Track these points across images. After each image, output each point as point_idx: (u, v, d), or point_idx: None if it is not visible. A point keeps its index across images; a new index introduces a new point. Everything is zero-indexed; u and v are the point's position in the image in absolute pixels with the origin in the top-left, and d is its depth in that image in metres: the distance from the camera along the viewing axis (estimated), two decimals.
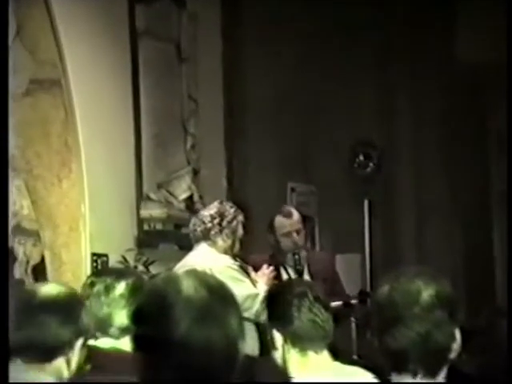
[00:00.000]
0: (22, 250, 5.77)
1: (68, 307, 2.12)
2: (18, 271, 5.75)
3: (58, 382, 1.98)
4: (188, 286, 1.57)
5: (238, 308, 1.61)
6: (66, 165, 5.72)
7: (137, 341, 1.59)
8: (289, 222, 4.78)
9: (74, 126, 5.65)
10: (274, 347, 2.65)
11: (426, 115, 7.79)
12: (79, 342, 2.10)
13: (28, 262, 5.78)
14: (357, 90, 7.63)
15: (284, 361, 2.62)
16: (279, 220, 4.80)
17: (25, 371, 2.03)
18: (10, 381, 2.01)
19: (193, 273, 1.63)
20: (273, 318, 2.68)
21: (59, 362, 2.06)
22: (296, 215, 4.83)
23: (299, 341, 2.58)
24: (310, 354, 2.57)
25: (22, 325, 2.03)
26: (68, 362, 2.07)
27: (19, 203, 5.76)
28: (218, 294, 1.58)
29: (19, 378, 2.03)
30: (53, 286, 2.25)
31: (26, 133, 5.66)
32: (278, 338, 2.63)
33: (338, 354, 2.63)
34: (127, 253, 5.90)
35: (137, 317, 1.60)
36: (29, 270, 5.77)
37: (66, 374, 2.08)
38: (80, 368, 2.14)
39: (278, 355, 2.64)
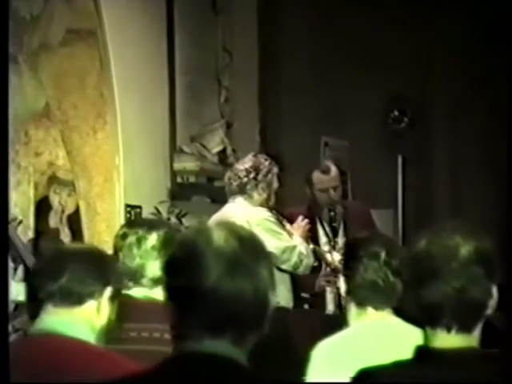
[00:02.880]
0: (58, 199, 5.85)
1: (95, 257, 2.17)
2: (53, 220, 5.84)
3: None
4: (219, 237, 1.58)
5: (268, 259, 1.62)
6: (101, 116, 5.76)
7: (169, 291, 1.61)
8: (326, 177, 4.75)
9: (110, 78, 5.66)
10: (339, 293, 2.71)
11: (461, 69, 7.68)
12: (107, 291, 2.12)
13: (63, 212, 5.86)
14: (392, 46, 7.55)
15: (345, 308, 2.67)
16: (317, 175, 4.76)
17: (56, 314, 2.07)
18: (39, 326, 2.07)
19: (224, 224, 1.65)
20: (345, 265, 2.73)
21: (89, 307, 2.09)
22: (334, 171, 4.79)
23: (358, 296, 2.62)
24: (369, 309, 2.61)
25: (53, 273, 2.09)
26: (98, 310, 2.10)
27: (55, 153, 5.83)
28: (248, 245, 1.59)
29: (50, 320, 2.07)
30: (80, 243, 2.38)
31: (62, 83, 5.69)
32: (342, 285, 2.68)
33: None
34: (160, 205, 5.95)
35: (168, 267, 1.63)
36: (64, 220, 5.86)
37: (96, 322, 2.11)
38: (110, 320, 2.15)
39: (343, 301, 2.70)
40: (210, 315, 1.54)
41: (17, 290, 2.72)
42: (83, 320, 2.07)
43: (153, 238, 2.62)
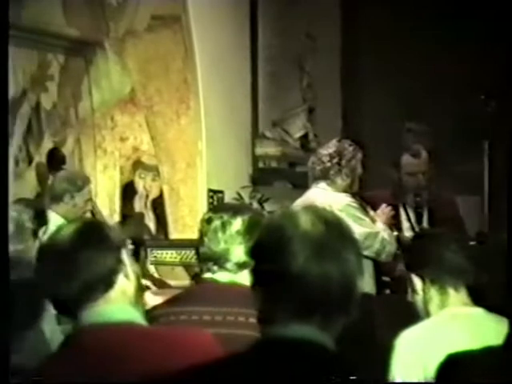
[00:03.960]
0: (142, 184, 5.94)
1: (95, 230, 1.98)
2: (138, 205, 5.93)
3: None
4: (306, 221, 1.57)
5: (356, 244, 1.61)
6: (184, 102, 5.81)
7: (255, 275, 1.61)
8: (416, 161, 4.69)
9: (193, 63, 5.71)
10: (414, 292, 2.70)
11: None
12: (124, 253, 1.96)
13: (147, 196, 5.94)
14: (477, 29, 7.40)
15: (425, 303, 2.66)
16: (406, 159, 4.69)
17: (96, 307, 1.92)
18: (89, 320, 1.90)
19: (311, 208, 1.64)
20: (411, 263, 2.74)
21: (120, 283, 1.94)
22: (424, 155, 4.73)
23: (438, 278, 2.63)
24: (450, 291, 2.62)
25: (69, 272, 1.89)
26: (126, 276, 1.95)
27: (140, 138, 5.91)
28: (335, 230, 1.58)
29: (94, 316, 1.91)
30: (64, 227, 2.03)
31: (147, 69, 5.76)
32: (417, 282, 2.68)
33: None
34: (242, 190, 5.98)
35: (255, 251, 1.63)
36: (148, 204, 5.95)
37: (129, 290, 1.96)
38: (138, 280, 2.01)
39: (418, 299, 2.69)
40: (297, 300, 1.54)
41: None
42: (121, 297, 1.94)
43: (237, 223, 2.61)
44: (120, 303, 1.93)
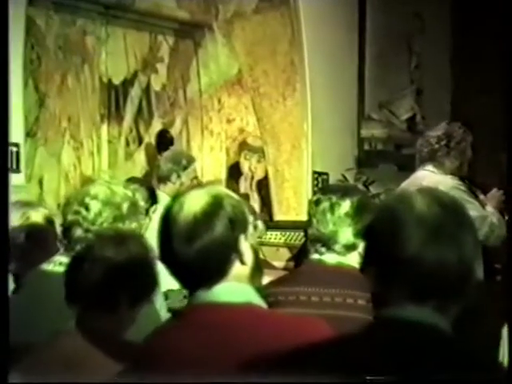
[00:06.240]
0: (248, 165, 5.98)
1: (212, 217, 1.79)
2: (243, 186, 5.98)
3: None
4: (421, 203, 1.54)
5: (473, 227, 1.57)
6: (290, 83, 5.81)
7: (368, 257, 1.60)
8: None
9: (300, 45, 5.70)
10: None
11: None
12: (242, 239, 1.84)
13: (253, 178, 5.99)
14: None
15: None
16: None
17: (212, 288, 1.86)
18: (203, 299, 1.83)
19: (426, 190, 1.61)
20: None
21: (236, 268, 1.84)
22: None
23: None
24: None
25: (192, 258, 1.79)
26: (243, 263, 1.85)
27: (246, 120, 5.95)
28: (452, 212, 1.55)
29: (210, 296, 1.83)
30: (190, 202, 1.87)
31: (254, 51, 5.79)
32: None
33: None
34: (347, 172, 5.94)
35: (369, 233, 1.61)
36: (253, 185, 5.99)
37: (246, 275, 1.86)
38: (259, 264, 1.90)
39: None
40: (413, 282, 1.52)
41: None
42: (238, 279, 1.86)
43: (346, 205, 2.59)
44: (237, 283, 1.87)
